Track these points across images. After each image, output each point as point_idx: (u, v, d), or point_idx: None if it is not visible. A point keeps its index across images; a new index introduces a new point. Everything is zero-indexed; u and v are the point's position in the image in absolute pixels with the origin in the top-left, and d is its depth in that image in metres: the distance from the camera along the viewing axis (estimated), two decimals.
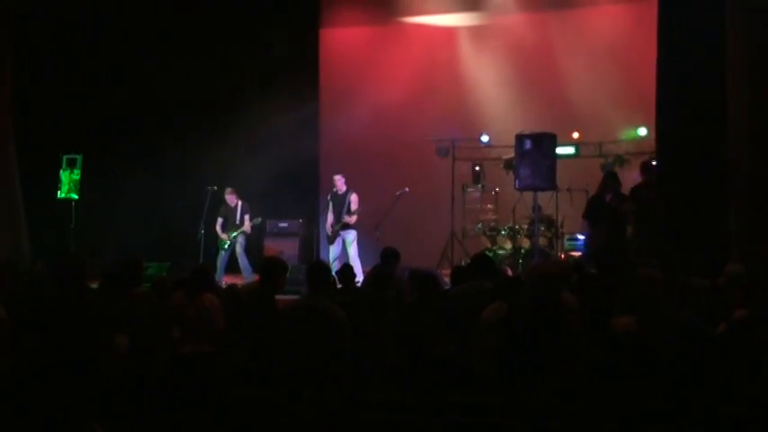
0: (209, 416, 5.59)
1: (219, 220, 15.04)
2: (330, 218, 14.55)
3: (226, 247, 14.88)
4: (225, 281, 13.20)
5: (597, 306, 7.16)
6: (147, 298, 7.69)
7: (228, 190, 15.05)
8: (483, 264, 8.81)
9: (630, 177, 13.97)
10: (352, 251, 14.29)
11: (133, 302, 7.51)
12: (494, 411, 5.78)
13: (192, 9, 16.52)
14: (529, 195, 14.80)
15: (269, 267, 8.15)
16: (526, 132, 14.21)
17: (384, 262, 9.85)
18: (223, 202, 15.08)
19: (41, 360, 6.31)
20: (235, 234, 14.86)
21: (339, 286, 9.60)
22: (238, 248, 14.88)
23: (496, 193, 16.82)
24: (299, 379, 6.56)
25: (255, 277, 12.92)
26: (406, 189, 15.21)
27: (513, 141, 14.40)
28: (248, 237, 15.14)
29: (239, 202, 15.02)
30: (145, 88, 16.58)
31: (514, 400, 5.93)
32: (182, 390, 6.16)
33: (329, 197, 14.73)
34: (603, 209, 12.60)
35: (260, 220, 15.13)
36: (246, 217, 14.92)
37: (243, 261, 14.82)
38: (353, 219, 14.27)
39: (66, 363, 6.21)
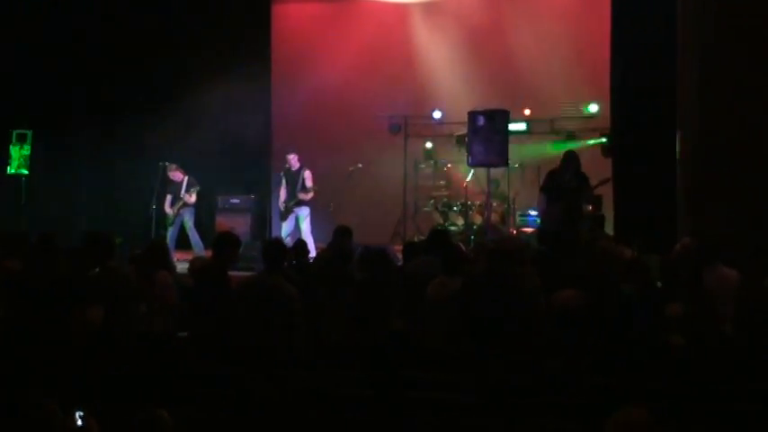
0: (172, 391, 5.58)
1: (168, 198, 14.83)
2: (283, 194, 14.50)
3: (172, 222, 14.75)
4: (176, 257, 13.11)
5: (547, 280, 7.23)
6: (117, 271, 7.62)
7: (173, 167, 14.76)
8: (438, 239, 8.87)
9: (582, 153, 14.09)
10: (305, 227, 14.26)
11: (105, 275, 7.44)
12: (447, 387, 5.81)
13: None
14: (481, 172, 14.87)
15: (222, 242, 8.13)
16: (479, 109, 14.25)
17: (339, 238, 9.84)
18: (170, 180, 14.93)
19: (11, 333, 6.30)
20: (177, 207, 14.72)
21: (293, 262, 9.61)
22: (188, 224, 14.66)
23: (448, 169, 16.86)
24: (253, 355, 6.58)
25: (206, 253, 12.96)
26: (359, 165, 15.25)
27: (464, 118, 14.42)
28: (196, 211, 14.92)
29: (185, 177, 14.78)
30: (95, 63, 16.43)
31: (469, 375, 5.97)
32: (149, 365, 6.15)
33: (282, 173, 14.65)
34: (562, 186, 12.60)
35: (198, 188, 14.79)
36: (191, 190, 14.78)
37: (193, 236, 14.64)
38: (309, 195, 14.23)
39: (36, 335, 6.21)
